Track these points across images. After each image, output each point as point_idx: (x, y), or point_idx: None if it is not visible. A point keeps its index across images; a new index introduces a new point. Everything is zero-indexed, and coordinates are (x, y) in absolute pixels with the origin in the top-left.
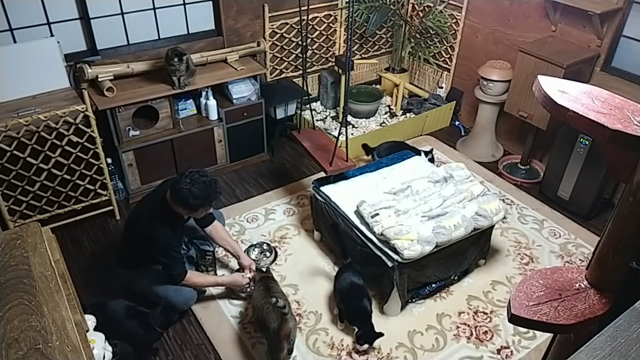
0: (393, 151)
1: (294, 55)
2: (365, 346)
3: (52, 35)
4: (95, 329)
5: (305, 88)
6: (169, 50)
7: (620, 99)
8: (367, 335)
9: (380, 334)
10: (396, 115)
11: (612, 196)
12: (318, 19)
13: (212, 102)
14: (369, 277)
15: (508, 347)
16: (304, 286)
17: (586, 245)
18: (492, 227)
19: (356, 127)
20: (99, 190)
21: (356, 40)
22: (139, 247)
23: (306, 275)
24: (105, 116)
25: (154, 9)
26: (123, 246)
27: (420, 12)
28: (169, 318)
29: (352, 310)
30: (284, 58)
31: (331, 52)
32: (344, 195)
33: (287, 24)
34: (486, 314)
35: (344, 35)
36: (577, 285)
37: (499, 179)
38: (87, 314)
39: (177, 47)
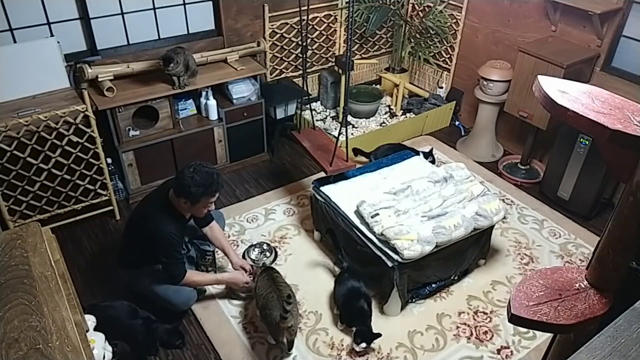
0: (390, 154)
1: (294, 55)
2: (363, 345)
3: (52, 35)
4: (95, 329)
5: (305, 88)
6: (161, 59)
7: (620, 99)
8: (364, 334)
9: (378, 335)
10: (396, 115)
11: (612, 196)
12: (318, 19)
13: (212, 102)
14: (369, 277)
15: (508, 347)
16: (304, 286)
17: (586, 245)
18: (492, 227)
19: (356, 127)
20: (99, 190)
21: (356, 40)
22: (141, 247)
23: (306, 275)
24: (105, 116)
25: (154, 9)
26: (124, 246)
27: (420, 12)
28: (173, 340)
29: (350, 312)
30: (284, 58)
31: (331, 52)
32: (344, 195)
33: (287, 24)
34: (486, 314)
35: (344, 35)
36: (577, 285)
37: (499, 179)
38: (86, 314)
39: (169, 51)
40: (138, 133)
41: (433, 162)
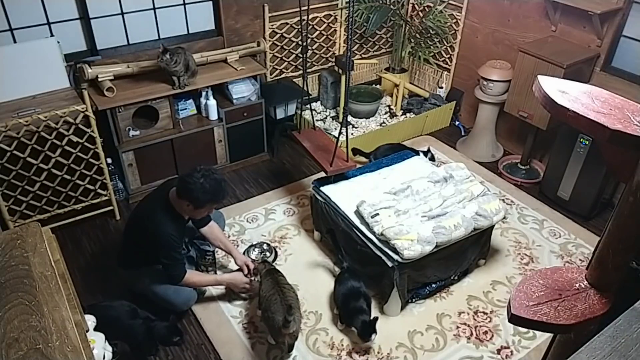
0: (390, 154)
1: (294, 55)
2: (373, 336)
3: (52, 35)
4: (95, 329)
5: (305, 88)
6: (161, 47)
7: (620, 99)
8: (366, 327)
9: (376, 318)
10: (396, 115)
11: (612, 196)
12: (318, 19)
13: (212, 102)
14: (369, 277)
15: (508, 347)
16: (304, 286)
17: (586, 245)
18: (492, 227)
19: (356, 127)
20: (99, 190)
21: (356, 40)
22: (140, 247)
23: (306, 275)
24: (105, 116)
25: (154, 9)
26: (124, 246)
27: (420, 12)
28: (170, 336)
29: (349, 311)
30: (284, 58)
31: (331, 52)
32: (344, 195)
33: (287, 24)
34: (486, 314)
35: (344, 35)
36: (577, 285)
37: (499, 179)
38: (86, 314)
39: (166, 45)
40: (138, 133)
41: (433, 159)
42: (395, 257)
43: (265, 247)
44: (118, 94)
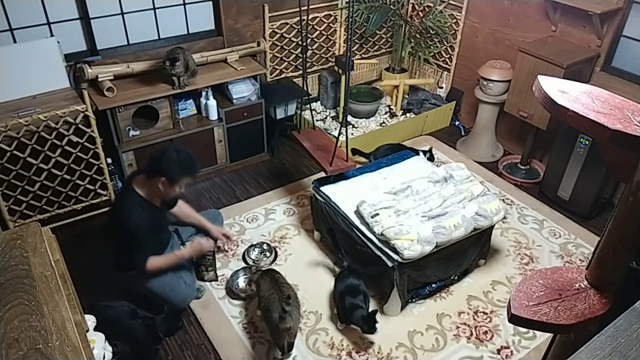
0: (390, 154)
1: (294, 55)
2: (377, 327)
3: (52, 35)
4: (95, 329)
5: (305, 88)
6: (166, 53)
7: (620, 99)
8: (367, 320)
9: (375, 311)
10: (396, 115)
11: (612, 196)
12: (318, 19)
13: (212, 102)
14: (369, 277)
15: (508, 347)
16: (304, 286)
17: (586, 245)
18: (492, 227)
19: (356, 127)
20: (99, 190)
21: (356, 40)
22: (125, 247)
23: (306, 275)
24: (105, 116)
25: (154, 9)
26: (113, 250)
27: (420, 12)
28: (173, 325)
29: (348, 309)
30: (284, 58)
31: (331, 52)
32: (344, 195)
33: (287, 24)
34: (486, 314)
35: (344, 35)
36: (577, 285)
37: (499, 179)
38: (86, 314)
39: (172, 52)
40: (138, 133)
41: (431, 159)
42: (395, 257)
43: (265, 247)
44: (118, 94)
